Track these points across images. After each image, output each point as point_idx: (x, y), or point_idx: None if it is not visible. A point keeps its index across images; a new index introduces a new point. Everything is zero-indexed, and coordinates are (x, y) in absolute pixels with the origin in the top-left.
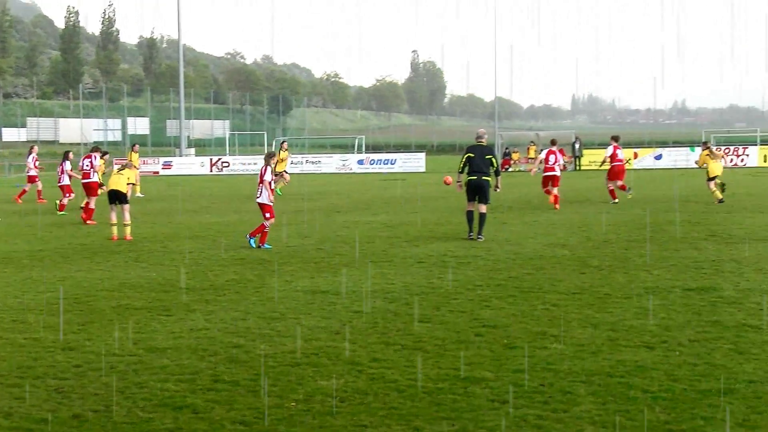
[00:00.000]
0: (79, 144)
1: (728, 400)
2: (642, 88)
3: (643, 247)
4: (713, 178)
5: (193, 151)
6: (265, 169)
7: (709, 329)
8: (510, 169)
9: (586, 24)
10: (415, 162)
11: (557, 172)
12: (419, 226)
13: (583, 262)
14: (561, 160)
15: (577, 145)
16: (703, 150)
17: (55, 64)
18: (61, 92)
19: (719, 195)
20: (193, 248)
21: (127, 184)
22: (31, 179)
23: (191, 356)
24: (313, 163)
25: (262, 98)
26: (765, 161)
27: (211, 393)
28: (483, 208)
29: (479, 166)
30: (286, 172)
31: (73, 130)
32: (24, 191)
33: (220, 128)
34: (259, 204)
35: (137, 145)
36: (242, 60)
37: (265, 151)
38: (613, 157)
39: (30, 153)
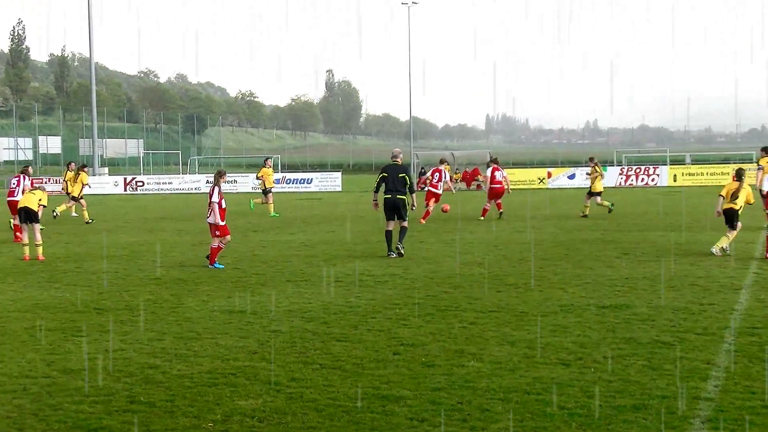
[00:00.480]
0: None
1: (642, 415)
2: (555, 108)
3: (558, 265)
4: (597, 194)
5: (106, 170)
6: (213, 189)
7: (623, 346)
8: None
9: (502, 44)
10: (331, 181)
11: (439, 191)
12: (336, 245)
13: (500, 280)
14: (446, 178)
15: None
16: (592, 167)
17: None
18: None
19: (606, 203)
20: (108, 268)
21: (39, 204)
22: None
23: (106, 377)
24: (228, 182)
25: (177, 117)
26: (675, 181)
27: (127, 414)
28: (404, 223)
29: (394, 184)
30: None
31: None
32: None
33: (134, 147)
34: (209, 224)
35: (73, 164)
36: (156, 78)
37: (180, 170)
38: (492, 178)
39: None
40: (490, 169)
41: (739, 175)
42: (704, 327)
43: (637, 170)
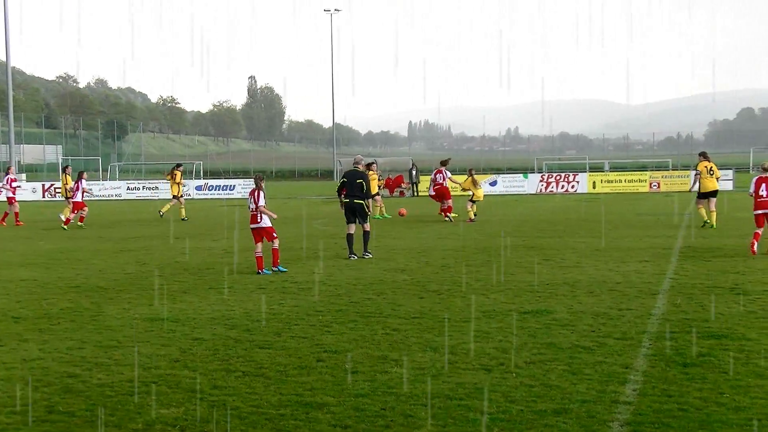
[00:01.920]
0: None
1: (563, 419)
2: (475, 115)
3: (480, 271)
4: (475, 201)
5: (24, 176)
6: (258, 194)
7: (544, 351)
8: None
9: (425, 51)
10: None
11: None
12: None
13: (423, 286)
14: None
15: (414, 172)
16: (468, 176)
17: None
18: None
19: (472, 215)
20: (25, 276)
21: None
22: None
23: (24, 387)
24: (150, 189)
25: (97, 123)
26: (594, 188)
27: (46, 425)
28: (366, 227)
29: (352, 189)
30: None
31: None
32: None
33: (52, 153)
34: (260, 228)
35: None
36: (75, 83)
37: (100, 177)
38: (434, 180)
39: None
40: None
41: None
42: (623, 332)
43: (558, 177)
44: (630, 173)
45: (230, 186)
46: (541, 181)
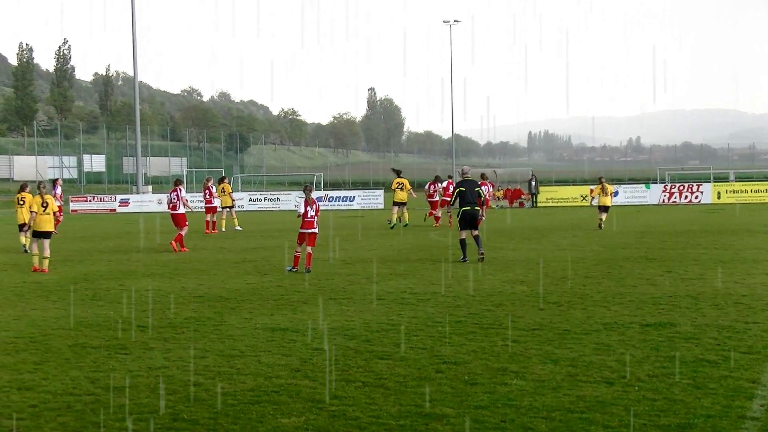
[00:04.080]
0: (33, 181)
1: None
2: (595, 125)
3: (600, 283)
4: (606, 209)
5: (150, 188)
6: (314, 203)
7: (667, 364)
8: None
9: (546, 60)
10: (373, 199)
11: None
12: (378, 263)
13: (542, 298)
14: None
15: (533, 183)
16: (598, 184)
17: (9, 101)
18: (14, 129)
19: (602, 222)
20: (150, 286)
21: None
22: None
23: (150, 395)
24: (271, 200)
25: (219, 135)
26: (718, 198)
27: None
28: (476, 232)
29: (473, 197)
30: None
31: (27, 167)
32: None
33: (177, 165)
34: (314, 234)
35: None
36: (199, 97)
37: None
38: (445, 189)
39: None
40: (445, 182)
41: None
42: (749, 346)
43: (681, 187)
44: (756, 183)
45: (350, 197)
46: (663, 191)
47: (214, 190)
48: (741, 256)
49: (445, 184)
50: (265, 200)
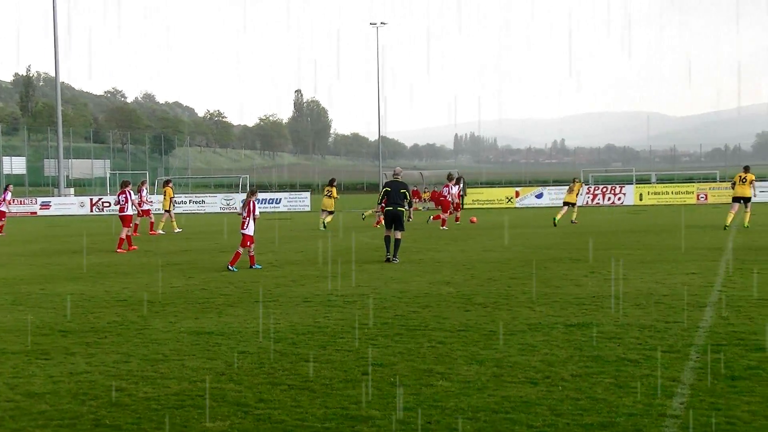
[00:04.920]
0: None
1: None
2: (521, 127)
3: (526, 284)
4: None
5: (72, 191)
6: (255, 205)
7: (590, 364)
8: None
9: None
10: (300, 201)
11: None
12: (306, 265)
13: (468, 299)
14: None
15: (461, 185)
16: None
17: None
18: None
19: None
20: (73, 290)
21: None
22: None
23: (71, 401)
24: (197, 202)
25: (144, 137)
26: (641, 200)
27: None
28: (398, 235)
29: (395, 198)
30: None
31: None
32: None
33: (100, 168)
34: (247, 235)
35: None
36: (123, 98)
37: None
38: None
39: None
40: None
41: None
42: (670, 344)
43: (604, 189)
44: (677, 185)
45: (277, 200)
46: (587, 193)
47: (145, 193)
48: (662, 256)
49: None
50: (190, 203)
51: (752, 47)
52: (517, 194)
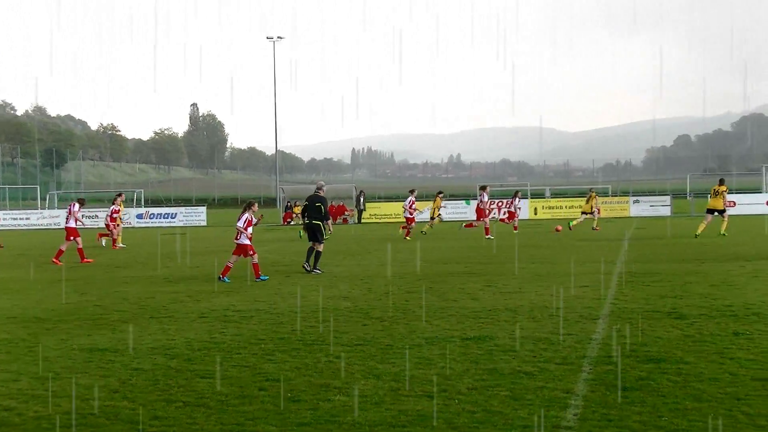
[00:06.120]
0: None
1: None
2: (418, 142)
3: (423, 298)
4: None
5: None
6: (245, 218)
7: (486, 377)
8: (291, 223)
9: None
10: (195, 216)
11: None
12: (201, 280)
13: (366, 313)
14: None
15: (361, 199)
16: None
17: None
18: None
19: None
20: None
21: None
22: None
23: None
24: (90, 217)
25: (35, 151)
26: (535, 214)
27: None
28: (319, 247)
29: (311, 212)
30: None
31: None
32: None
33: None
34: (244, 245)
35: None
36: (13, 111)
37: (39, 205)
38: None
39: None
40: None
41: None
42: (563, 357)
43: (500, 203)
44: (570, 199)
45: (172, 214)
46: (493, 206)
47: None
48: (557, 270)
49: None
50: (83, 217)
51: (643, 64)
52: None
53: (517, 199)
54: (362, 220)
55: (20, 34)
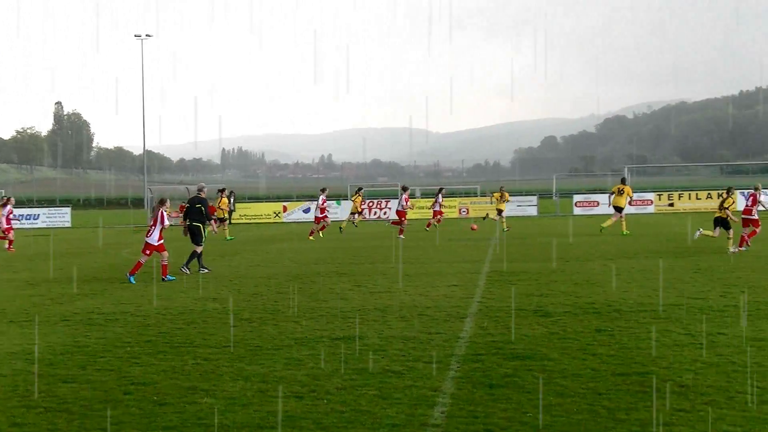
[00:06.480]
0: None
1: None
2: (289, 142)
3: (292, 298)
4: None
5: None
6: (163, 215)
7: (355, 377)
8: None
9: (238, 77)
10: (60, 217)
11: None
12: (64, 283)
13: (234, 315)
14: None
15: (231, 199)
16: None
17: None
18: None
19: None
20: None
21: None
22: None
23: None
24: None
25: None
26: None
27: None
28: (198, 249)
29: (192, 213)
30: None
31: None
32: None
33: None
34: (152, 244)
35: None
36: None
37: None
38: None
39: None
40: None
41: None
42: (431, 355)
43: (371, 203)
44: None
45: (35, 215)
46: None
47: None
48: (426, 269)
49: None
50: None
51: (511, 66)
52: (285, 209)
53: (440, 196)
54: (232, 221)
55: None
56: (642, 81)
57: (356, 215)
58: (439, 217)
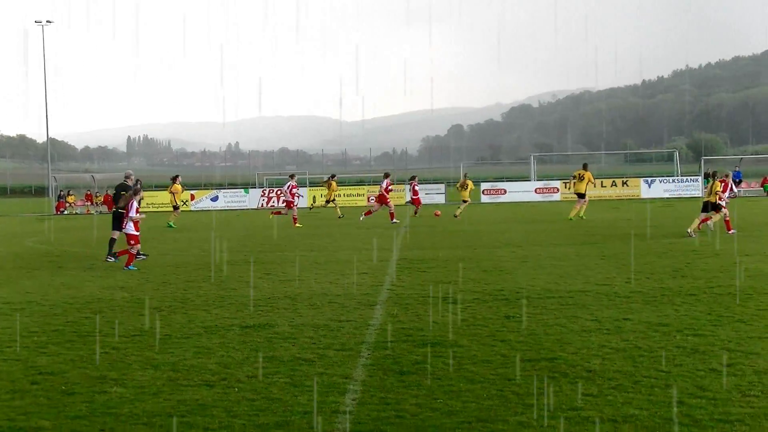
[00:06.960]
0: None
1: (284, 431)
2: (195, 130)
3: (201, 287)
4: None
5: None
6: (132, 204)
7: (266, 365)
8: (66, 212)
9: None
10: None
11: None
12: None
13: (143, 303)
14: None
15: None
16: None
17: None
18: None
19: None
20: None
21: None
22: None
23: None
24: None
25: None
26: (314, 202)
27: None
28: (115, 235)
29: (117, 200)
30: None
31: None
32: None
33: None
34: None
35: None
36: None
37: None
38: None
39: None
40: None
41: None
42: (342, 343)
43: (279, 192)
44: (348, 188)
45: None
46: (262, 196)
47: None
48: (335, 257)
49: (384, 184)
50: None
51: (417, 55)
52: (193, 197)
53: (415, 184)
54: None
55: None
56: (547, 71)
57: (332, 202)
58: (419, 204)
